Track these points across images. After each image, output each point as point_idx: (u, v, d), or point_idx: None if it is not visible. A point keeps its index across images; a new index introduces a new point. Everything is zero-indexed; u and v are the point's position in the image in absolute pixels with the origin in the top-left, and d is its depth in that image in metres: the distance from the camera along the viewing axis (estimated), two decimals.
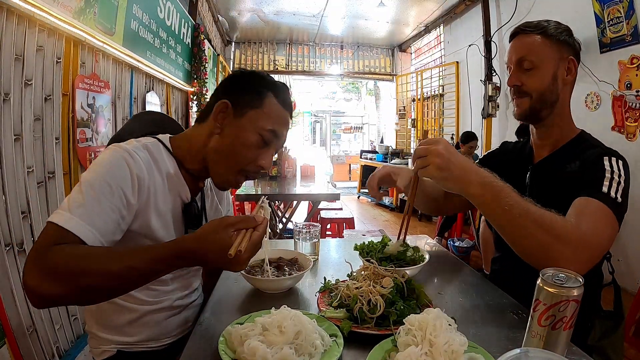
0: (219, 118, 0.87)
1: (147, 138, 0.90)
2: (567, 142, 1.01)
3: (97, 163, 0.78)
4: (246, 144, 0.86)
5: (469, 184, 0.79)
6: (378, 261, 0.92)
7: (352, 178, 10.08)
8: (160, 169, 0.86)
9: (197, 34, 4.09)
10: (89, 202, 0.71)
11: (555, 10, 3.34)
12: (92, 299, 0.71)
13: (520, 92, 1.00)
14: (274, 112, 0.88)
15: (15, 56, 1.55)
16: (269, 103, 0.88)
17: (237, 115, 0.87)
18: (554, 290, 0.57)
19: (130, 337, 0.92)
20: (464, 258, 3.41)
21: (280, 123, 0.90)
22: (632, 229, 2.71)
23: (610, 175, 0.85)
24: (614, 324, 0.96)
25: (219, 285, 0.95)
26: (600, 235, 0.78)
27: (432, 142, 0.80)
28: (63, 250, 0.65)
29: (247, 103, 0.87)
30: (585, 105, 3.13)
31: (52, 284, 0.62)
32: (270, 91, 0.88)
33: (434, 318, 0.63)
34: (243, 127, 0.86)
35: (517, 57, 0.99)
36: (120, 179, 0.76)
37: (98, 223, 0.71)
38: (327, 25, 6.21)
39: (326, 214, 3.78)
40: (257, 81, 0.90)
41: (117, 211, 0.75)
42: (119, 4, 2.28)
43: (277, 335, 0.63)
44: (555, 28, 0.98)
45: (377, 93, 9.24)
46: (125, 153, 0.79)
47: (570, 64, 0.98)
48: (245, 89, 0.89)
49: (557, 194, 0.93)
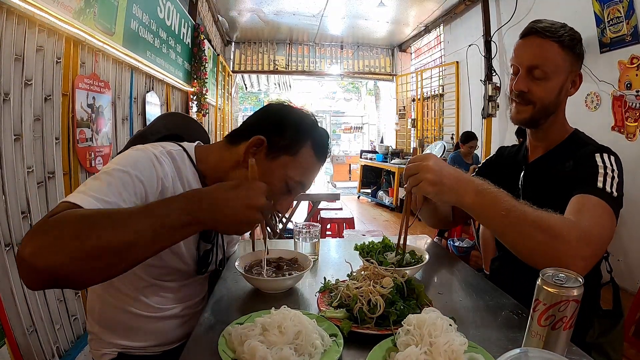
0: (250, 152, 0.82)
1: (173, 144, 0.86)
2: (561, 141, 1.01)
3: (121, 157, 0.74)
4: (269, 189, 0.79)
5: (463, 194, 0.79)
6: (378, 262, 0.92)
7: (352, 178, 10.08)
8: (183, 179, 0.83)
9: (197, 34, 4.09)
10: (107, 188, 0.66)
11: (555, 10, 3.34)
12: (98, 269, 0.57)
13: (524, 99, 0.97)
14: (306, 164, 0.85)
15: (15, 56, 1.55)
16: (305, 153, 0.84)
17: (270, 157, 0.83)
18: (554, 290, 0.57)
19: (133, 342, 0.90)
20: (464, 258, 3.41)
21: (310, 175, 0.88)
22: (632, 229, 2.71)
23: (604, 171, 0.85)
24: (612, 323, 0.96)
25: (219, 285, 0.95)
26: (600, 229, 0.77)
27: (422, 159, 0.80)
28: (65, 213, 0.57)
29: (283, 147, 0.83)
30: (585, 105, 3.13)
31: (51, 250, 0.52)
32: (310, 140, 0.85)
33: (433, 318, 0.63)
34: (272, 171, 0.82)
35: (530, 64, 0.94)
36: (143, 176, 0.72)
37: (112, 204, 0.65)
38: (327, 25, 6.21)
39: (326, 214, 3.78)
40: (299, 126, 0.85)
41: (132, 203, 0.69)
42: (118, 4, 2.28)
43: (277, 335, 0.63)
44: (571, 38, 0.94)
45: (377, 93, 9.24)
46: (153, 156, 0.76)
47: (577, 78, 0.97)
48: (285, 131, 0.84)
49: (551, 193, 0.94)
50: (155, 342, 0.92)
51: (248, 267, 0.96)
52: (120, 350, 0.90)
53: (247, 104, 12.08)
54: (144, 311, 0.89)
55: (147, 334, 0.90)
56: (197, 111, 4.19)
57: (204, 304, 1.03)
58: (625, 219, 2.70)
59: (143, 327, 0.90)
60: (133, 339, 0.90)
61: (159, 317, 0.90)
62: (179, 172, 0.82)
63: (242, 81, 8.76)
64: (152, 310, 0.89)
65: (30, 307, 1.58)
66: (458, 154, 4.37)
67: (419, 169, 0.79)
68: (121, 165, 0.71)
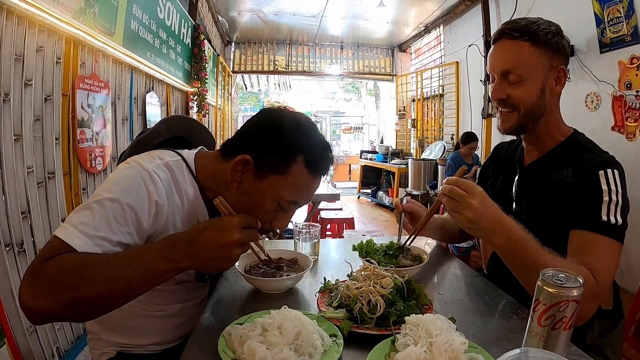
0: (238, 171, 0.78)
1: (171, 154, 0.82)
2: (558, 145, 0.98)
3: (112, 179, 0.73)
4: (261, 208, 0.78)
5: (493, 234, 0.80)
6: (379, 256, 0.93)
7: (352, 178, 10.08)
8: (181, 191, 0.80)
9: (197, 34, 4.10)
10: (98, 223, 0.66)
11: (555, 10, 3.34)
12: (89, 313, 0.65)
13: (507, 106, 0.94)
14: (299, 183, 0.78)
15: (15, 56, 1.55)
16: (296, 171, 0.77)
17: (257, 177, 0.77)
18: (554, 290, 0.57)
19: (132, 340, 0.90)
20: (464, 258, 3.41)
21: (304, 194, 0.80)
22: (632, 229, 2.70)
23: (609, 197, 0.84)
24: (612, 324, 0.96)
25: (219, 285, 0.95)
26: (611, 272, 0.82)
27: (470, 193, 0.78)
28: (55, 263, 0.61)
29: (270, 167, 0.76)
30: (585, 105, 3.13)
31: (46, 299, 0.59)
32: (302, 155, 0.77)
33: (433, 318, 0.63)
34: (261, 191, 0.77)
35: (502, 69, 0.92)
36: (135, 203, 0.70)
37: (105, 245, 0.66)
38: (327, 25, 6.21)
39: (326, 214, 3.78)
40: (288, 137, 0.77)
41: (128, 236, 0.70)
42: (118, 4, 2.28)
43: (277, 336, 0.63)
44: (545, 32, 0.89)
45: (377, 93, 9.24)
46: (145, 174, 0.73)
47: (560, 73, 0.92)
48: (272, 149, 0.77)
49: (546, 200, 0.93)
50: (154, 340, 0.92)
51: (248, 267, 0.96)
52: (119, 349, 0.90)
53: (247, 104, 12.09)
54: (143, 309, 0.88)
55: (146, 332, 0.90)
56: (197, 111, 4.19)
57: (203, 305, 1.03)
58: None
59: (141, 326, 0.90)
60: (132, 337, 0.90)
61: (157, 316, 0.90)
62: (177, 185, 0.79)
63: (242, 81, 8.76)
64: (150, 308, 0.89)
65: None
66: (458, 154, 4.37)
67: (462, 201, 0.78)
68: (113, 192, 0.70)
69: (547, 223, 0.90)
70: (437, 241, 1.33)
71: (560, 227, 0.88)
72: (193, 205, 0.82)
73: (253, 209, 0.78)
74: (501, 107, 0.96)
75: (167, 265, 0.64)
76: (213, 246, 0.64)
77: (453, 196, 0.79)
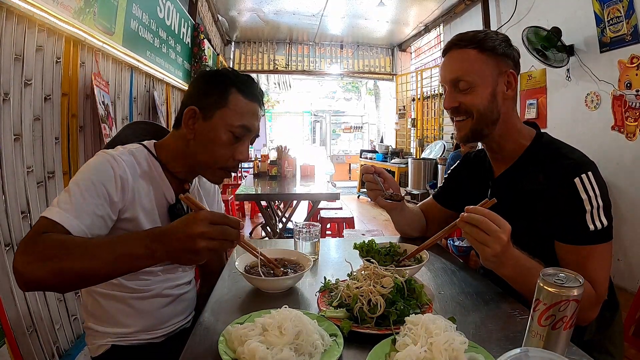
0: (189, 125, 0.91)
1: (133, 144, 0.95)
2: (524, 152, 0.97)
3: (84, 167, 0.85)
4: (219, 144, 0.91)
5: (503, 266, 0.80)
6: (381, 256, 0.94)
7: (352, 178, 10.08)
8: (144, 171, 0.92)
9: (197, 33, 4.09)
10: (75, 199, 0.78)
11: (555, 10, 3.34)
12: (72, 282, 0.72)
13: (460, 112, 0.95)
14: (240, 108, 0.91)
15: (15, 56, 1.55)
16: (234, 100, 0.91)
17: (206, 119, 0.91)
18: (554, 290, 0.57)
19: (124, 328, 0.95)
20: (464, 258, 3.41)
21: (248, 117, 0.92)
22: (632, 229, 2.71)
23: (590, 204, 0.84)
24: (610, 315, 0.95)
25: (219, 285, 0.95)
26: (608, 275, 0.85)
27: (502, 229, 0.74)
28: (49, 237, 0.71)
29: (213, 105, 0.90)
30: (585, 105, 3.13)
31: (37, 266, 0.67)
32: (234, 87, 0.91)
33: (433, 318, 0.63)
34: (213, 128, 0.90)
35: (452, 77, 0.94)
36: (103, 179, 0.82)
37: (83, 216, 0.77)
38: (327, 24, 6.20)
39: (326, 213, 3.78)
40: (219, 80, 0.92)
41: (101, 207, 0.81)
42: (118, 4, 2.28)
43: (277, 336, 0.63)
44: (492, 39, 0.92)
45: (377, 92, 9.24)
46: (109, 156, 0.86)
47: (510, 78, 0.94)
48: (208, 92, 0.91)
49: (521, 209, 0.93)
50: (144, 324, 0.97)
51: (248, 267, 0.96)
52: (114, 341, 0.95)
53: None
54: (127, 292, 0.95)
55: (134, 317, 0.96)
56: None
57: (190, 287, 1.10)
58: (626, 219, 2.70)
59: (128, 310, 0.96)
60: (123, 325, 0.96)
61: (141, 297, 0.96)
62: (140, 165, 0.91)
63: None
64: (134, 291, 0.95)
65: (30, 307, 1.58)
66: (458, 154, 4.37)
67: (493, 235, 0.74)
68: (83, 174, 0.83)
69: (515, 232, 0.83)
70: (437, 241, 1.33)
71: (528, 235, 0.89)
72: (157, 182, 0.94)
73: (215, 150, 0.91)
74: (455, 116, 0.98)
75: (143, 251, 0.69)
76: (180, 237, 0.66)
77: (485, 229, 0.74)
